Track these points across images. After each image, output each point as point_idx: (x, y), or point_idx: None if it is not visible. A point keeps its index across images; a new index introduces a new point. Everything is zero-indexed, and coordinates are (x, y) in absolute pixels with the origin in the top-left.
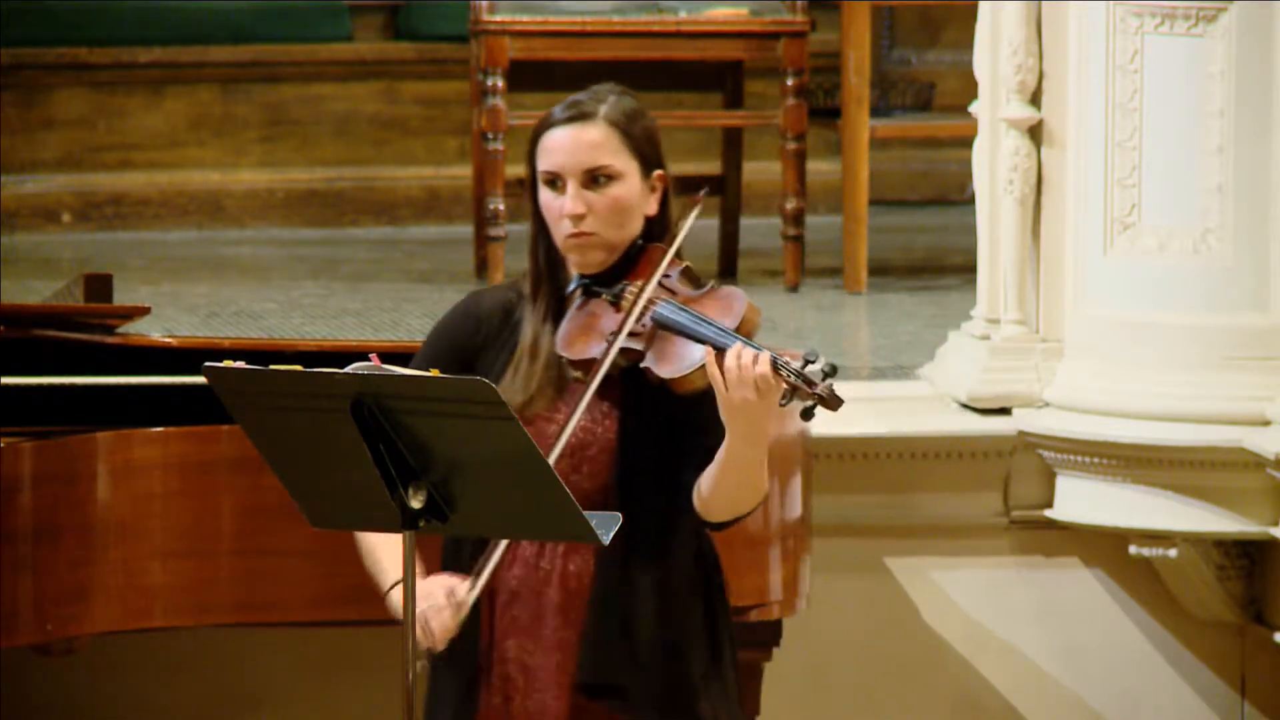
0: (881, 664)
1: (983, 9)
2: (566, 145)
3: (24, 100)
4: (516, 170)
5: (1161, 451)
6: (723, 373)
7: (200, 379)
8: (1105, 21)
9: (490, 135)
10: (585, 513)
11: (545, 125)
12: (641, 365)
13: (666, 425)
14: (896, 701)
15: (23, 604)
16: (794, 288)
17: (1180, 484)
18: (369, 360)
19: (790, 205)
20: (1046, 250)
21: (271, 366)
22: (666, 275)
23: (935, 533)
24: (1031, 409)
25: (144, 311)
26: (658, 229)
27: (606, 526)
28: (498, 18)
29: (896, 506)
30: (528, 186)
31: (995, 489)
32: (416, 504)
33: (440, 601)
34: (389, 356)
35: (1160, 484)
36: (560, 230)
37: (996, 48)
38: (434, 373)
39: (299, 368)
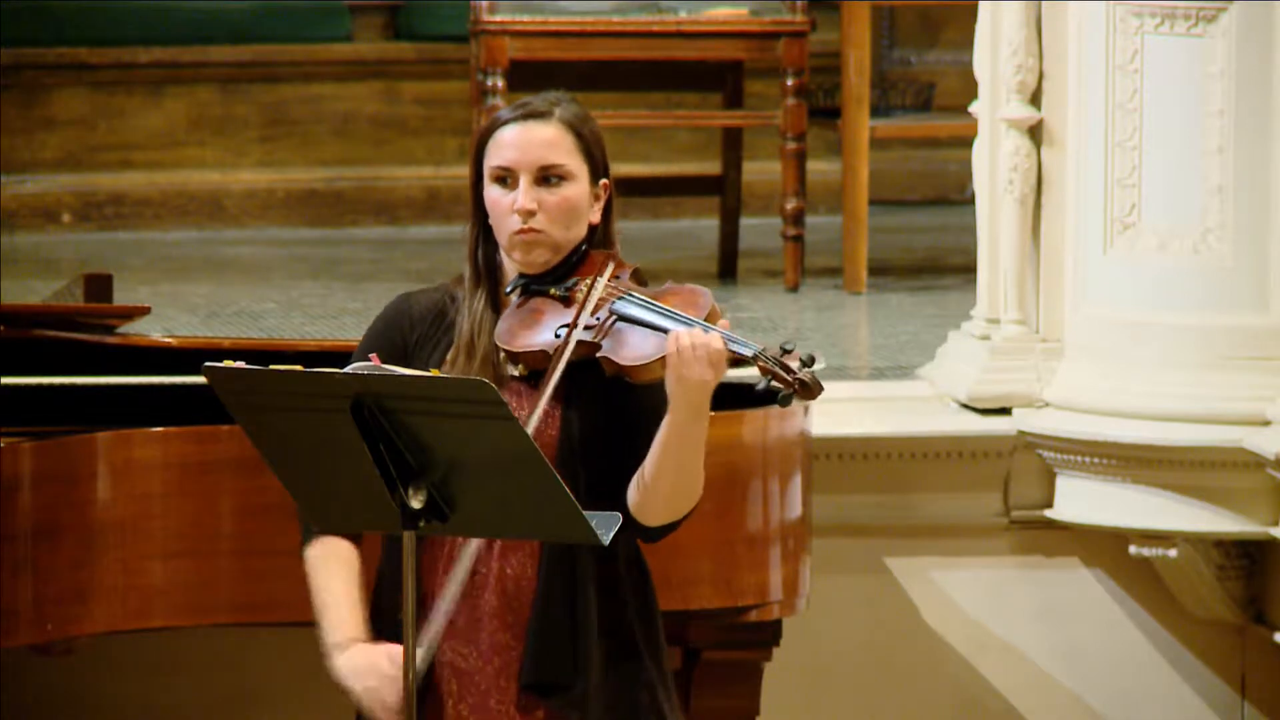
0: (881, 664)
1: (983, 9)
2: (520, 141)
3: (24, 100)
4: None
5: (1161, 451)
6: (678, 349)
7: (200, 379)
8: (1105, 21)
9: None
10: (585, 513)
11: (495, 123)
12: (599, 355)
13: (610, 423)
14: (896, 701)
15: (23, 604)
16: (794, 288)
17: (1180, 484)
18: (369, 360)
19: (790, 205)
20: (1046, 250)
21: (271, 366)
22: (617, 275)
23: (935, 533)
24: (1031, 409)
25: (144, 311)
26: (600, 237)
27: (606, 526)
28: (498, 18)
29: (896, 506)
30: (471, 187)
31: (995, 489)
32: (416, 504)
33: (391, 673)
34: None
35: (1160, 484)
36: (508, 225)
37: (996, 48)
38: (434, 372)
39: (299, 368)
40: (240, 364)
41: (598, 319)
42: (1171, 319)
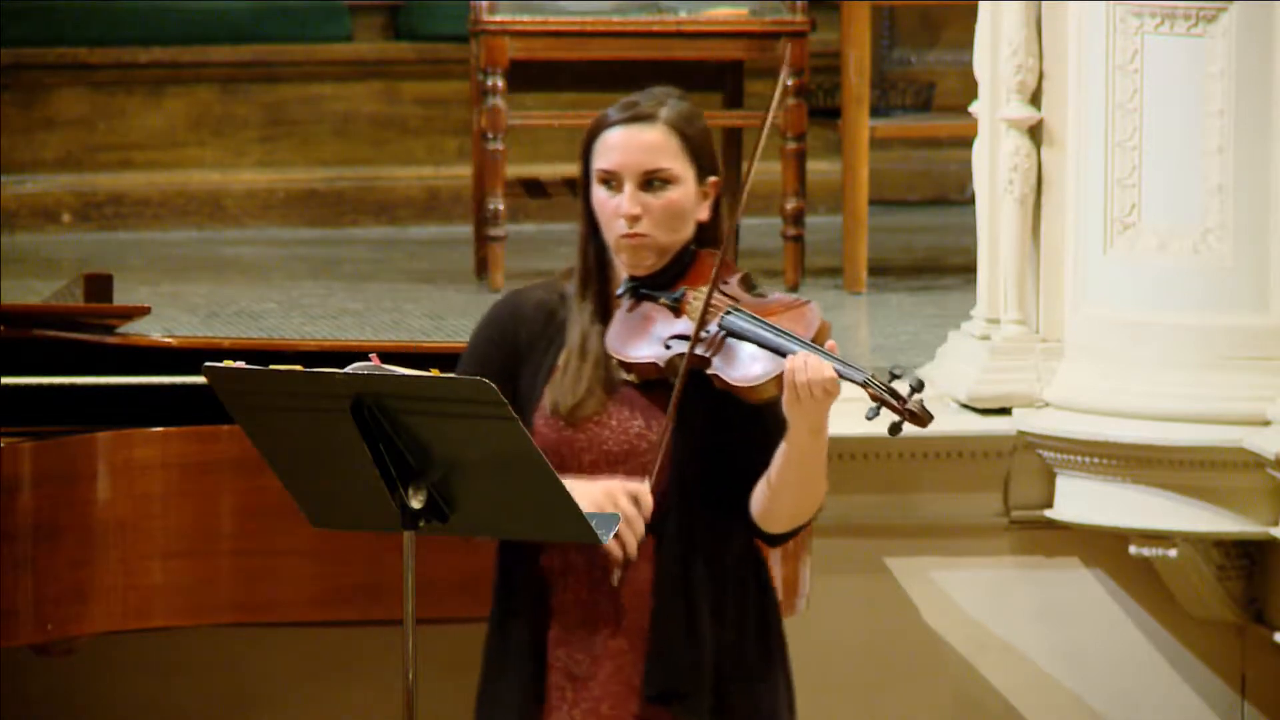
0: (881, 664)
1: (983, 9)
2: (625, 145)
3: (24, 100)
4: (516, 170)
5: (1161, 451)
6: (791, 374)
7: (200, 379)
8: (1105, 21)
9: (490, 135)
10: (585, 513)
11: (602, 124)
12: (708, 372)
13: (722, 435)
14: (896, 701)
15: (23, 604)
16: (794, 288)
17: (1180, 484)
18: (369, 360)
19: (790, 205)
20: (1046, 250)
21: (271, 366)
22: (725, 282)
23: (935, 533)
24: (1031, 409)
25: (144, 311)
26: (709, 235)
27: (606, 526)
28: (498, 18)
29: (896, 506)
30: (580, 185)
31: (995, 489)
32: (416, 504)
33: (630, 511)
34: (389, 356)
35: (1160, 484)
36: (614, 229)
37: (996, 48)
38: (434, 372)
39: (299, 368)
40: (240, 364)
41: (709, 332)
42: (1171, 319)
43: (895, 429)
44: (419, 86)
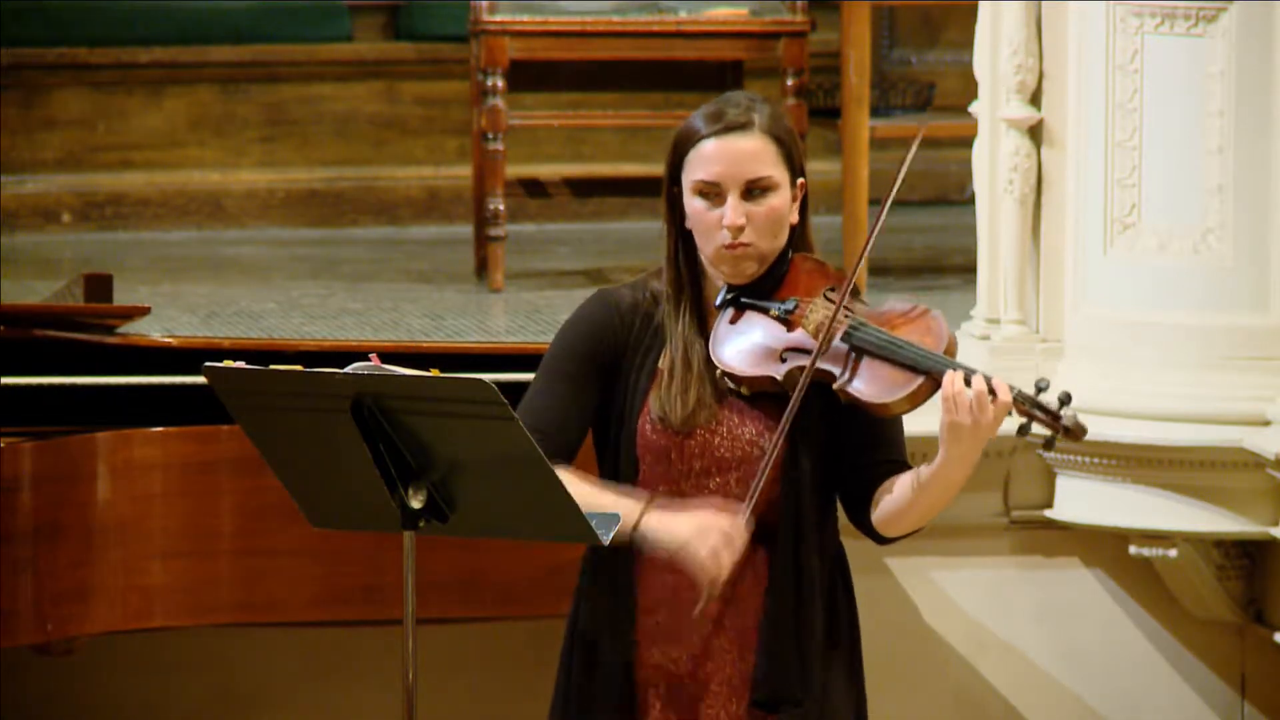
0: (881, 664)
1: (983, 9)
2: (724, 156)
3: (24, 100)
4: (516, 170)
5: (1161, 451)
6: (954, 398)
7: (200, 379)
8: (1105, 21)
9: (490, 135)
10: (586, 513)
11: (693, 136)
12: (836, 386)
13: (834, 437)
14: (896, 701)
15: (23, 604)
16: None
17: (1180, 484)
18: (369, 360)
19: None
20: (1046, 250)
21: (271, 366)
22: (832, 289)
23: (935, 533)
24: None
25: (144, 311)
26: (798, 237)
27: (606, 527)
28: (498, 18)
29: None
30: (666, 196)
31: (995, 489)
32: (416, 504)
33: (719, 543)
34: (389, 356)
35: (1160, 484)
36: (716, 240)
37: (996, 48)
38: (434, 372)
39: (299, 368)
40: (240, 364)
41: (833, 348)
42: (1171, 319)
43: (1049, 444)
44: (419, 86)
